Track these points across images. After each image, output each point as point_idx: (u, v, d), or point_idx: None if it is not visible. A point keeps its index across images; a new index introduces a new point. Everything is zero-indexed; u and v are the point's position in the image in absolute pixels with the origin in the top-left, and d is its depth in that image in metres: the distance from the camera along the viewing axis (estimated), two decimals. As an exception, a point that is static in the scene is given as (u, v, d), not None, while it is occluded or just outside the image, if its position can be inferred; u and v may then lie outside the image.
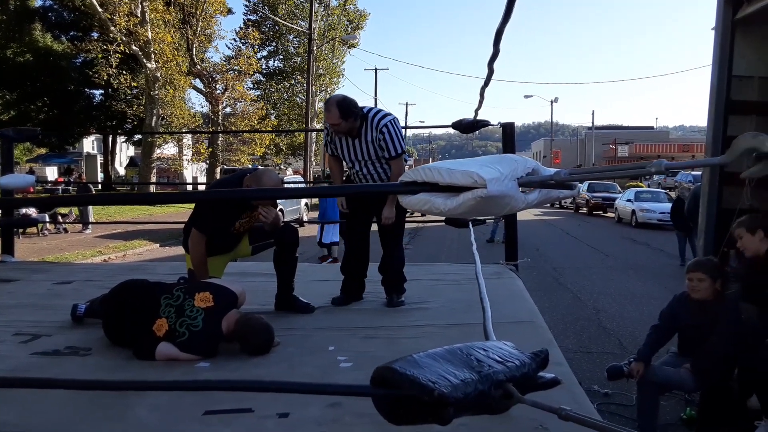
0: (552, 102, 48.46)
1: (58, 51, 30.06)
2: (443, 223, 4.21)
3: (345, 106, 3.14)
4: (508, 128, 4.65)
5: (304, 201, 17.35)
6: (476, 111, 3.55)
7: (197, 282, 2.72)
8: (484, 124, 4.37)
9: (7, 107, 30.79)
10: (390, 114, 3.35)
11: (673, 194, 18.98)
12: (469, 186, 1.00)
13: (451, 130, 4.87)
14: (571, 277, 9.35)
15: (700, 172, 21.06)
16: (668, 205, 16.68)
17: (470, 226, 4.22)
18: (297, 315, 3.17)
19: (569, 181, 1.01)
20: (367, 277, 3.57)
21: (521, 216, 5.69)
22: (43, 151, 37.72)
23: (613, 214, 22.03)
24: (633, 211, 19.27)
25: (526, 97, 46.29)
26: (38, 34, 29.99)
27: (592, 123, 48.95)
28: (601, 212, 24.04)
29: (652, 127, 66.05)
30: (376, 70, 38.15)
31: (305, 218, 17.30)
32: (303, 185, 18.56)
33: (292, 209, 16.05)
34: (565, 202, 27.39)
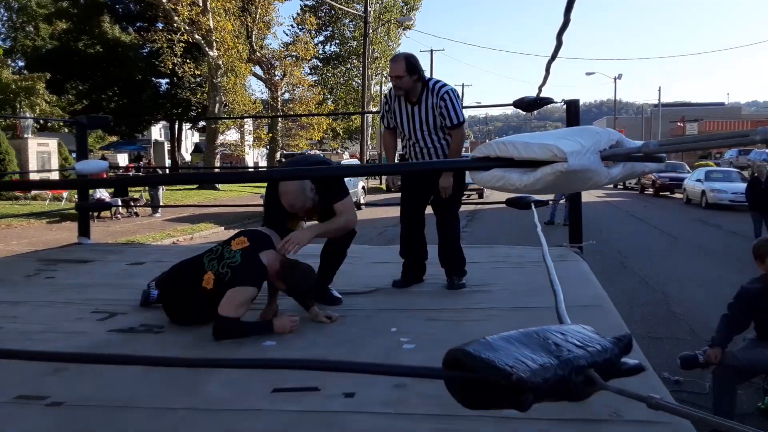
0: (615, 79, 46.60)
1: (126, 42, 31.29)
2: (501, 206, 4.10)
3: (412, 61, 3.18)
4: (572, 106, 4.49)
5: (361, 184, 17.42)
6: (540, 87, 3.42)
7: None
8: (547, 101, 4.22)
9: (80, 97, 32.39)
10: (450, 85, 3.31)
11: (746, 173, 17.94)
12: (547, 160, 0.94)
13: (509, 110, 4.84)
14: (637, 261, 9.01)
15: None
16: (741, 185, 15.80)
17: (533, 207, 4.12)
18: (358, 296, 3.18)
19: (659, 152, 0.94)
20: (427, 259, 3.55)
21: (583, 197, 5.51)
22: (114, 138, 39.61)
23: (681, 195, 21.04)
24: (703, 192, 18.35)
25: (588, 74, 44.74)
26: (107, 26, 31.28)
27: (659, 100, 46.74)
28: (668, 193, 23.00)
29: (723, 104, 62.46)
30: (431, 51, 37.76)
31: (362, 201, 17.37)
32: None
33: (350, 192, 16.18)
34: (630, 183, 26.35)
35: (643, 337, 5.16)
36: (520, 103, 4.29)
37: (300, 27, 31.61)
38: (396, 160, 4.06)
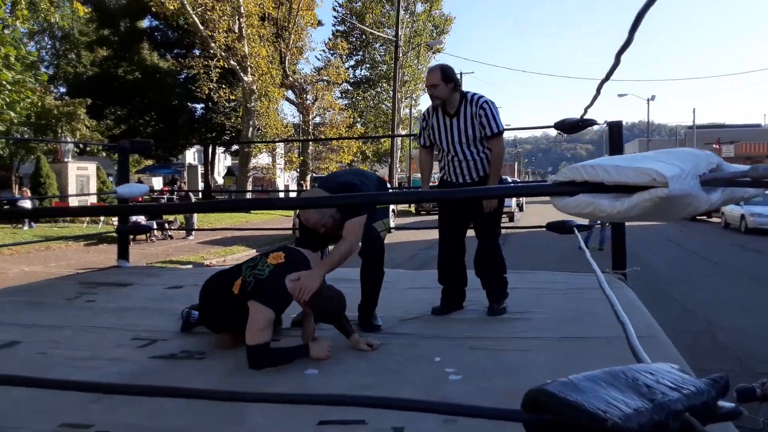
0: (648, 100, 45.95)
1: (164, 68, 32.21)
2: (530, 230, 3.98)
3: (448, 70, 3.19)
4: (615, 127, 4.39)
5: (391, 207, 17.40)
6: (586, 109, 3.36)
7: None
8: (590, 123, 4.14)
9: (119, 122, 33.35)
10: (483, 96, 3.28)
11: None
12: (644, 185, 0.88)
13: (537, 133, 4.69)
14: (677, 287, 8.73)
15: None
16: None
17: (576, 231, 4.02)
18: (402, 322, 3.12)
19: (768, 178, 0.87)
20: (467, 285, 3.47)
21: None
22: (149, 162, 40.58)
23: (719, 219, 20.46)
24: (742, 216, 17.80)
25: (620, 95, 44.19)
26: (146, 53, 32.28)
27: (693, 121, 45.87)
28: (704, 217, 22.39)
29: (759, 125, 60.91)
30: (461, 74, 37.78)
31: (392, 224, 17.34)
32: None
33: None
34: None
35: (690, 368, 4.94)
36: (561, 125, 4.22)
37: (332, 52, 32.13)
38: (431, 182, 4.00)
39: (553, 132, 4.90)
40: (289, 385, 2.22)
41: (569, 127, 4.08)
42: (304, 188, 20.12)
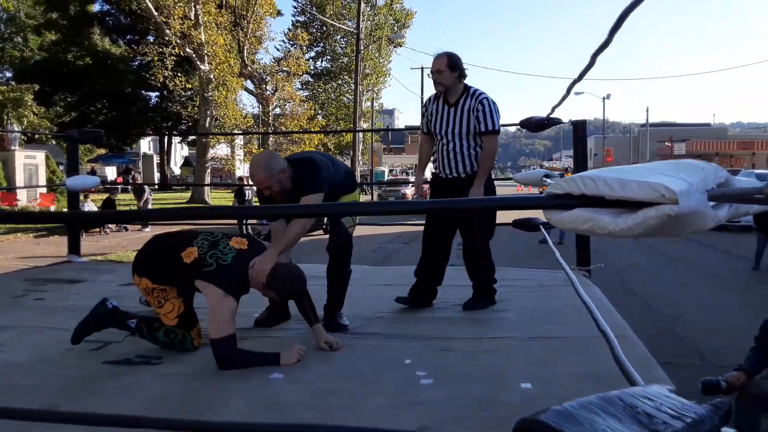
0: (604, 99, 47.10)
1: (116, 54, 31.15)
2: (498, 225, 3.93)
3: (455, 58, 3.22)
4: (579, 126, 4.41)
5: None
6: (554, 108, 3.34)
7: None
8: (556, 122, 4.14)
9: (69, 109, 32.10)
10: (484, 93, 3.28)
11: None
12: (650, 201, 0.80)
13: (511, 128, 4.65)
14: (637, 282, 8.93)
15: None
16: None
17: (542, 229, 4.01)
18: (368, 321, 3.04)
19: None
20: (441, 284, 3.42)
21: None
22: (102, 151, 39.22)
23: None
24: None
25: (577, 93, 45.14)
26: (97, 38, 31.13)
27: (647, 120, 47.27)
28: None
29: (709, 124, 63.30)
30: (422, 68, 37.87)
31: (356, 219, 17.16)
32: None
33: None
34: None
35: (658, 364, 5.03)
36: (527, 123, 4.20)
37: (292, 42, 31.65)
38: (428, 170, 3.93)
39: (512, 128, 4.91)
40: (253, 391, 2.12)
41: (535, 125, 4.06)
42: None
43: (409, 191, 24.36)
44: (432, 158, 3.50)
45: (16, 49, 31.73)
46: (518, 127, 4.47)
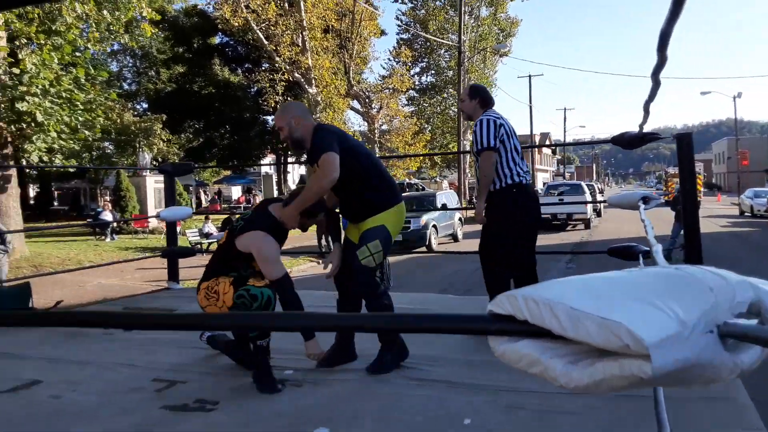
0: (734, 98, 42.93)
1: (235, 83, 33.27)
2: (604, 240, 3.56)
3: (474, 88, 3.49)
4: (684, 141, 3.91)
5: (458, 215, 16.98)
6: (641, 126, 2.97)
7: None
8: (652, 138, 3.71)
9: (197, 135, 34.77)
10: (491, 115, 3.31)
11: None
12: (612, 350, 0.55)
13: (617, 132, 4.24)
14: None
15: None
16: None
17: (641, 260, 3.59)
18: (434, 365, 2.83)
19: None
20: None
21: (704, 227, 4.81)
22: (227, 173, 42.09)
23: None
24: None
25: (703, 93, 41.59)
26: (217, 68, 33.46)
27: (790, 117, 42.34)
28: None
29: None
30: (530, 76, 36.81)
31: (460, 235, 16.89)
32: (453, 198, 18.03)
33: (445, 224, 15.69)
34: (760, 210, 23.75)
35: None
36: (620, 140, 3.81)
37: (396, 60, 32.08)
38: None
39: (635, 128, 4.45)
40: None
41: (628, 142, 3.66)
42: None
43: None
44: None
45: (150, 82, 34.94)
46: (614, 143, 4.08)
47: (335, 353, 2.88)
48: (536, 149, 54.49)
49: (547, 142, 71.99)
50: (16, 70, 11.53)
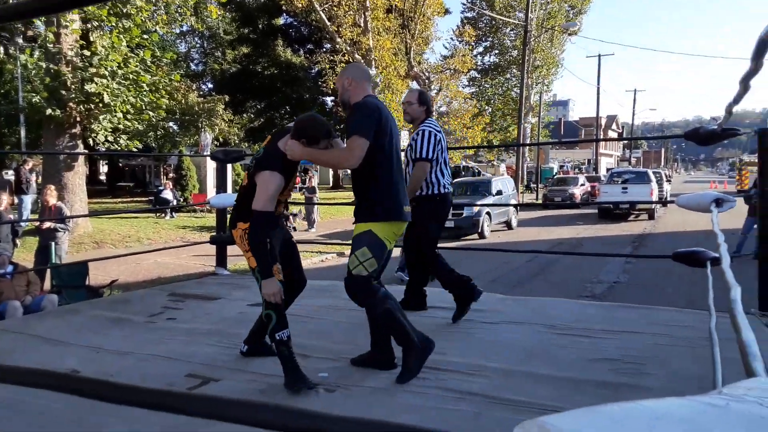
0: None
1: (296, 63, 33.54)
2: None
3: (423, 95, 3.89)
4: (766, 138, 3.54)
5: (513, 202, 16.54)
6: (720, 125, 2.67)
7: None
8: (730, 134, 3.36)
9: (258, 115, 35.38)
10: (432, 127, 3.74)
11: None
12: None
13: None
14: None
15: None
16: None
17: (708, 267, 3.28)
18: (471, 376, 2.67)
19: None
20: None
21: None
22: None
23: None
24: None
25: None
26: (280, 49, 33.78)
27: None
28: None
29: None
30: (599, 56, 35.24)
31: (515, 222, 16.45)
32: (491, 183, 17.51)
33: (499, 211, 15.28)
34: None
35: None
36: (694, 136, 3.48)
37: (459, 39, 31.43)
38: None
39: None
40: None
41: (704, 137, 3.33)
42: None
43: (578, 191, 22.77)
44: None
45: (216, 62, 35.73)
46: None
47: (372, 357, 2.77)
48: (601, 131, 52.46)
49: (614, 126, 69.10)
50: (87, 53, 11.96)
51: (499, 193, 15.12)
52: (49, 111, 11.55)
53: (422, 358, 2.62)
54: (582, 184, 23.79)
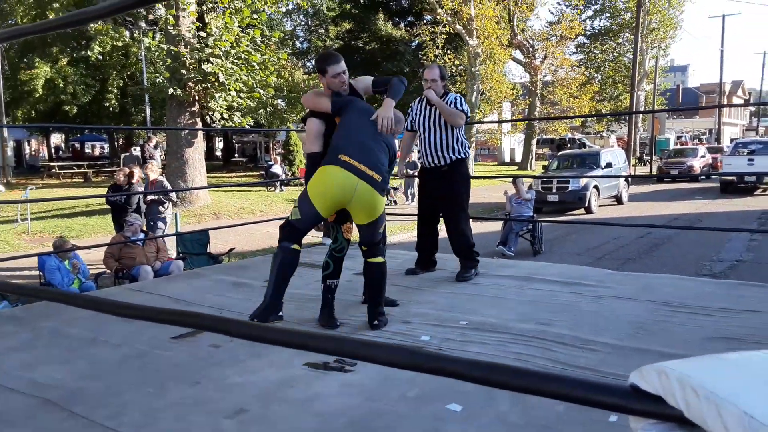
0: None
1: (397, 37, 33.52)
2: None
3: (443, 70, 4.20)
4: None
5: (624, 173, 15.66)
6: None
7: None
8: None
9: (360, 90, 35.91)
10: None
11: None
12: None
13: None
14: None
15: None
16: None
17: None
18: (558, 340, 2.63)
19: None
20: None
21: None
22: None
23: None
24: None
25: None
26: (381, 23, 33.87)
27: None
28: None
29: None
30: (723, 16, 32.14)
31: (625, 197, 15.60)
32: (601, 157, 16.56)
33: (609, 185, 14.56)
34: None
35: None
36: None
37: (566, 4, 29.88)
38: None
39: None
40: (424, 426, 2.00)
41: None
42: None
43: (697, 163, 21.12)
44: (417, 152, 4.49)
45: (320, 39, 36.53)
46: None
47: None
48: (725, 98, 48.01)
49: (740, 92, 62.91)
50: (203, 34, 12.70)
51: (609, 165, 14.39)
52: (170, 90, 12.45)
53: (265, 316, 2.97)
54: (702, 156, 22.05)
